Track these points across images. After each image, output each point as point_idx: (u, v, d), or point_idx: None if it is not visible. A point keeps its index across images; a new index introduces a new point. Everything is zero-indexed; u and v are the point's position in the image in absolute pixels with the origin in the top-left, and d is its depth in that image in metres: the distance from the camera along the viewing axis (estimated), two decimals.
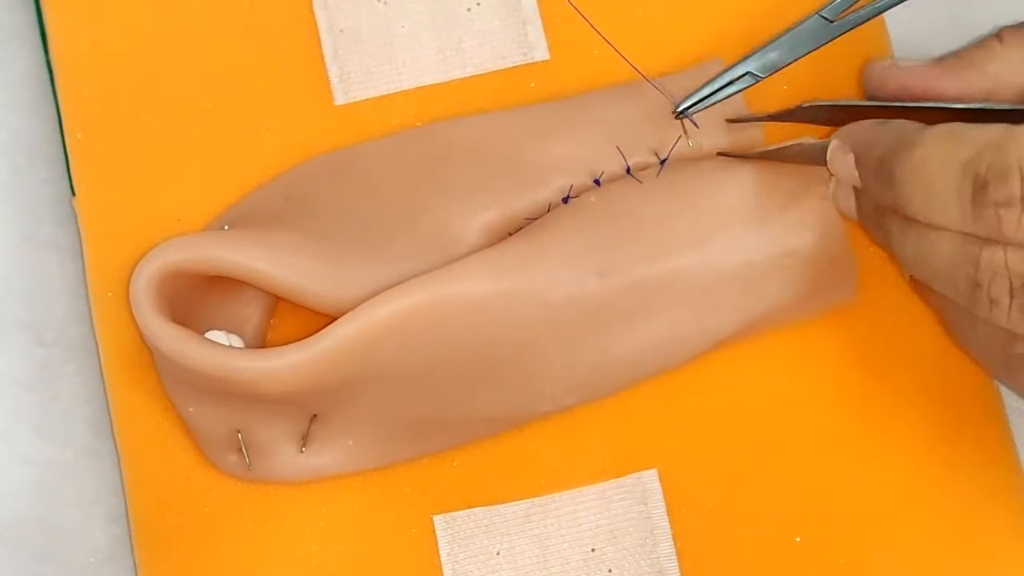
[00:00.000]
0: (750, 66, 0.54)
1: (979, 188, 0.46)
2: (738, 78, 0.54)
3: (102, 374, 0.54)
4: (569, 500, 0.54)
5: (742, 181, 0.53)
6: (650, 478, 0.54)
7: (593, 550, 0.53)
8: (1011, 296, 0.46)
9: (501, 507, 0.53)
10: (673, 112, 0.54)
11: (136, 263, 0.51)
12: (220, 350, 0.50)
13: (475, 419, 0.53)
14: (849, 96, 0.56)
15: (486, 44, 0.56)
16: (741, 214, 0.53)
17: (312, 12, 0.56)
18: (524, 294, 0.51)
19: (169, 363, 0.51)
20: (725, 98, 0.54)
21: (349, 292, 0.51)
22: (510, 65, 0.56)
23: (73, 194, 0.55)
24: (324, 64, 0.56)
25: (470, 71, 0.56)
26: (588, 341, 0.52)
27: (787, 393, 0.54)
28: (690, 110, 0.54)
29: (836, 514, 0.54)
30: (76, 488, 0.55)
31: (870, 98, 0.54)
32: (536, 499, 0.53)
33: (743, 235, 0.52)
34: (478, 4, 0.56)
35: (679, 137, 0.54)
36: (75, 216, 0.55)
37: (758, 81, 0.54)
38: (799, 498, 0.54)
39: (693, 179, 0.53)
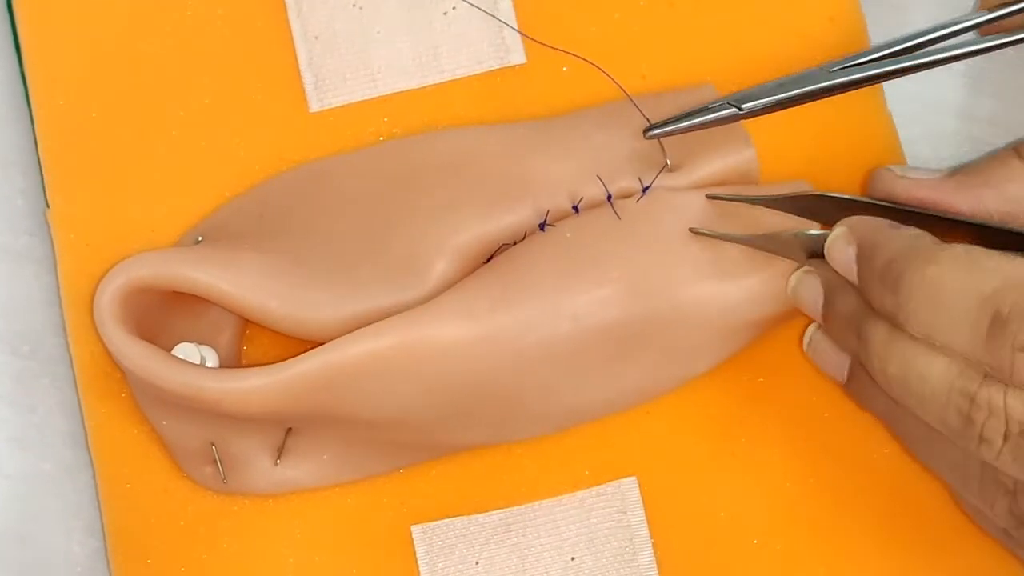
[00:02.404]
0: (736, 101, 0.52)
1: (998, 325, 0.43)
2: (719, 108, 0.52)
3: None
4: (548, 509, 0.53)
5: (726, 229, 0.51)
6: (629, 486, 0.53)
7: (573, 559, 0.53)
8: (1004, 439, 0.44)
9: (480, 516, 0.53)
10: (644, 131, 0.53)
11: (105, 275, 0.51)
12: (185, 368, 0.50)
13: (450, 446, 0.53)
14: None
15: (463, 49, 0.56)
16: (721, 267, 0.51)
17: (286, 20, 0.56)
18: (497, 339, 0.49)
19: (138, 378, 0.50)
20: (701, 126, 0.52)
21: (317, 316, 0.50)
22: (487, 69, 0.56)
23: (47, 206, 0.55)
24: (299, 71, 0.56)
25: (446, 76, 0.56)
26: (563, 385, 0.51)
27: (766, 401, 0.54)
28: (660, 132, 0.52)
29: (817, 522, 0.53)
30: (54, 501, 0.55)
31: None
32: (515, 508, 0.53)
33: (723, 289, 0.51)
34: (454, 8, 0.56)
35: (664, 166, 0.52)
36: (49, 228, 0.55)
37: (740, 116, 0.52)
38: (779, 506, 0.53)
39: (675, 220, 0.51)
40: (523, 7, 0.56)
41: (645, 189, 0.52)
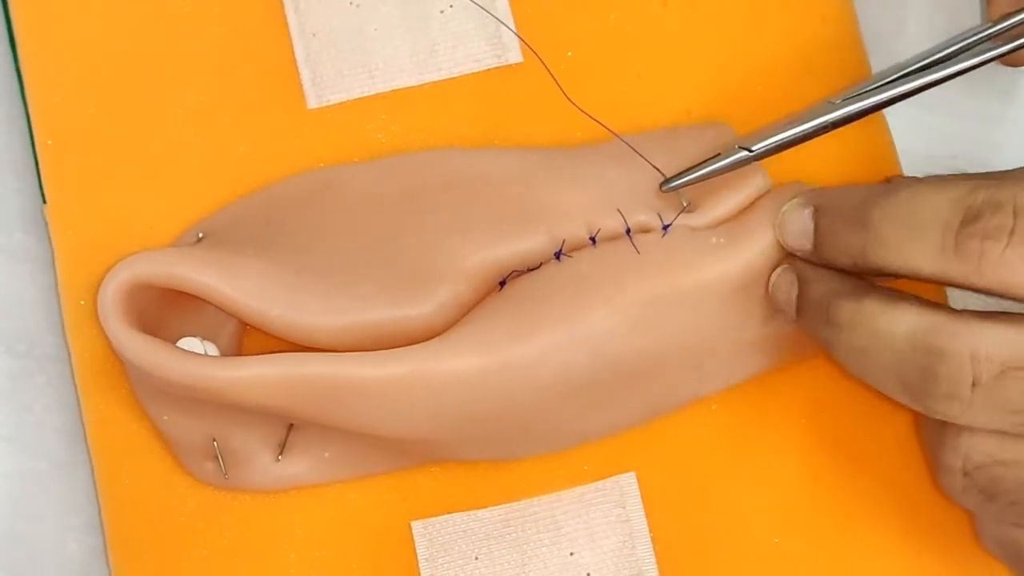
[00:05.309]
0: (746, 143, 0.52)
1: (970, 218, 0.44)
2: (730, 153, 0.52)
3: (75, 384, 0.53)
4: (547, 504, 0.53)
5: (747, 276, 0.51)
6: (628, 481, 0.53)
7: (572, 554, 0.53)
8: (973, 386, 0.44)
9: (479, 512, 0.53)
10: (660, 185, 0.52)
11: (108, 271, 0.51)
12: (188, 358, 0.49)
13: (453, 458, 0.53)
14: None
15: (460, 47, 0.56)
16: (741, 300, 0.51)
17: (284, 16, 0.56)
18: (513, 370, 0.49)
19: (140, 372, 0.50)
20: (715, 173, 0.52)
21: (317, 323, 0.50)
22: (483, 68, 0.56)
23: (44, 202, 0.55)
24: (296, 68, 0.56)
25: (444, 74, 0.56)
26: (574, 413, 0.51)
27: (766, 395, 0.54)
28: (676, 184, 0.52)
29: (815, 516, 0.54)
30: (50, 499, 0.54)
31: None
32: (514, 503, 0.53)
33: (741, 320, 0.51)
34: (451, 6, 0.56)
35: (683, 208, 0.52)
36: (46, 225, 0.54)
37: (751, 159, 0.52)
38: (777, 500, 0.54)
39: (697, 257, 0.51)
40: (520, 6, 0.56)
41: (666, 227, 0.52)
